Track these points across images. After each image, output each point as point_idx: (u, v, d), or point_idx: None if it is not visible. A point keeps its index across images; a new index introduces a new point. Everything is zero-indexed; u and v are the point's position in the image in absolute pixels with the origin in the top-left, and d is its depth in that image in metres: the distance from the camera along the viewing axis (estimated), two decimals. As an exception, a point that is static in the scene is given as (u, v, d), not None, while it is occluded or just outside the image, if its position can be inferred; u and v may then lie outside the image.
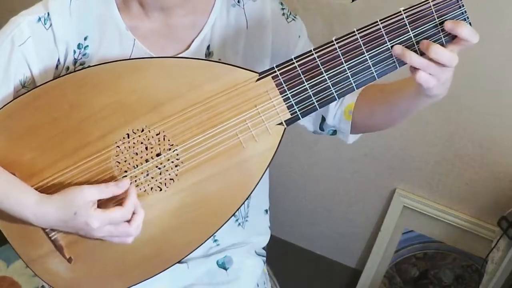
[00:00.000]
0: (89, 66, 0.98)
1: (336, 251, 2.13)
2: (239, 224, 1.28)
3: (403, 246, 1.92)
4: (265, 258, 1.36)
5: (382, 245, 1.94)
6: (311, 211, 2.08)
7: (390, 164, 1.83)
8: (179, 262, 1.08)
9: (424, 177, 1.81)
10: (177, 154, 0.98)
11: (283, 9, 1.13)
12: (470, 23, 0.89)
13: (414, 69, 0.88)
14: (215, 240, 1.25)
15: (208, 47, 1.10)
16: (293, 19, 1.14)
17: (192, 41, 1.09)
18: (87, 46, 1.05)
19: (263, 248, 1.37)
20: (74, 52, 1.05)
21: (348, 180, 1.94)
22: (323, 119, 1.14)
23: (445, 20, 0.88)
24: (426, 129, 1.70)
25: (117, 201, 0.97)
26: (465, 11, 0.88)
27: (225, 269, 1.27)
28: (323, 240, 2.13)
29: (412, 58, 0.88)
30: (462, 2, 0.88)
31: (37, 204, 0.95)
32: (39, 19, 1.02)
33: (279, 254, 1.66)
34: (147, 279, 1.06)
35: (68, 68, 1.06)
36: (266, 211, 1.36)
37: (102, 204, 0.96)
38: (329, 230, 2.09)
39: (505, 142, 1.63)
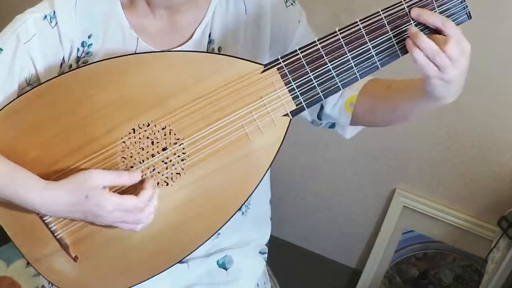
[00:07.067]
0: (93, 62, 0.98)
1: (336, 251, 2.12)
2: (242, 213, 1.26)
3: (403, 246, 1.92)
4: (266, 256, 1.35)
5: (382, 245, 1.94)
6: (311, 211, 2.08)
7: (390, 164, 1.84)
8: (179, 262, 1.07)
9: (424, 177, 1.81)
10: (183, 148, 0.97)
11: None
12: (470, 15, 0.90)
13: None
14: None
15: (210, 35, 1.10)
16: (292, 4, 1.13)
17: (194, 31, 1.08)
18: (91, 44, 1.05)
19: (265, 245, 1.36)
20: (78, 50, 1.05)
21: (348, 180, 1.94)
22: (321, 107, 1.14)
23: (447, 14, 0.89)
24: (426, 129, 1.71)
25: (133, 191, 0.96)
26: (467, 6, 0.90)
27: (226, 269, 1.26)
28: (323, 240, 2.12)
29: (429, 17, 0.87)
30: None
31: (45, 188, 0.94)
32: (45, 17, 1.02)
33: (279, 254, 1.66)
34: (153, 276, 1.05)
35: (71, 66, 1.06)
36: (270, 201, 1.36)
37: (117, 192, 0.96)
38: (329, 230, 2.09)
39: (505, 142, 1.63)
